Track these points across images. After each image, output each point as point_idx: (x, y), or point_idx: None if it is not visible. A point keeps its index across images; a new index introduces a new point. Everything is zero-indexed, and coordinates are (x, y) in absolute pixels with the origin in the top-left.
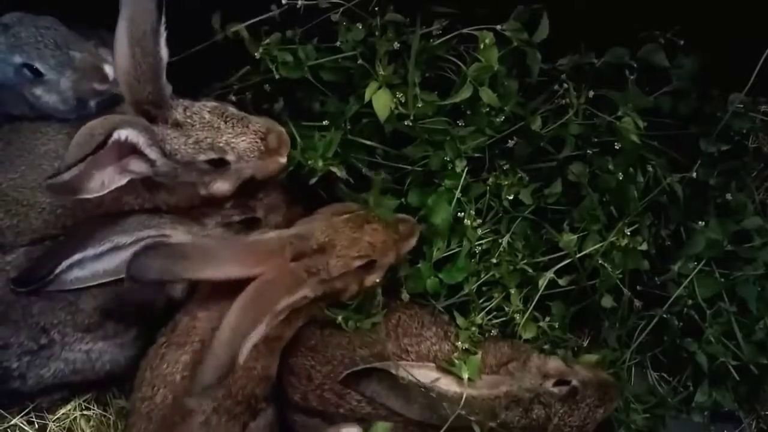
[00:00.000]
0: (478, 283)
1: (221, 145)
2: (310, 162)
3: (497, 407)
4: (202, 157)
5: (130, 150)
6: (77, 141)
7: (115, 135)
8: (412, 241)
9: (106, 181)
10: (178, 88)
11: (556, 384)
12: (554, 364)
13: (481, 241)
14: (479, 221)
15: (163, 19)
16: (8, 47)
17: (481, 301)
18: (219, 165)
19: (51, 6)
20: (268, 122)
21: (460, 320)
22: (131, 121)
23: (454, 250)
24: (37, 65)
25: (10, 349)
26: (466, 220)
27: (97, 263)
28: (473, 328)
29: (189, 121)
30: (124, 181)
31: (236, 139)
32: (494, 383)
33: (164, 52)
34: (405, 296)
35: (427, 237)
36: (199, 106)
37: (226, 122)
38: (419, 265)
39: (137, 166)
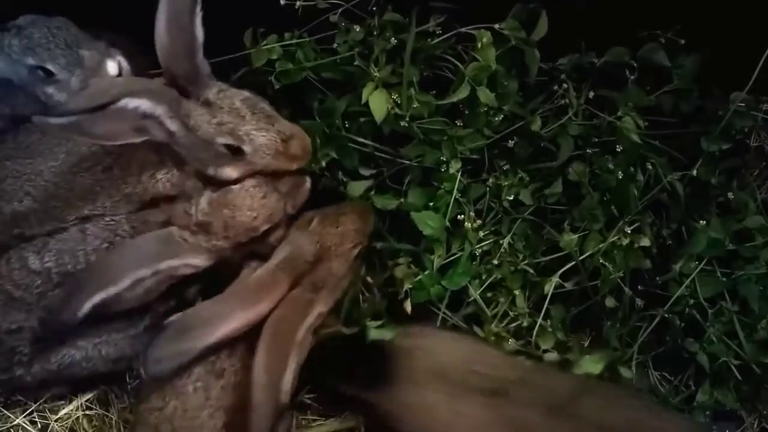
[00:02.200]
0: (483, 287)
1: (240, 134)
2: None
3: None
4: (220, 140)
5: (149, 115)
6: (91, 90)
7: (122, 102)
8: (372, 219)
9: (119, 133)
10: None
11: None
12: None
13: (481, 244)
14: (479, 222)
15: (199, 1)
16: (21, 49)
17: (489, 308)
18: (235, 152)
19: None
20: (296, 128)
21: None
22: (151, 91)
23: (456, 255)
24: (49, 66)
25: (23, 332)
26: (466, 222)
27: (123, 295)
28: (492, 338)
29: (218, 102)
30: (138, 139)
31: (257, 133)
32: None
33: (199, 31)
34: (407, 307)
35: (427, 245)
36: (234, 92)
37: (253, 114)
38: (421, 277)
39: (155, 131)
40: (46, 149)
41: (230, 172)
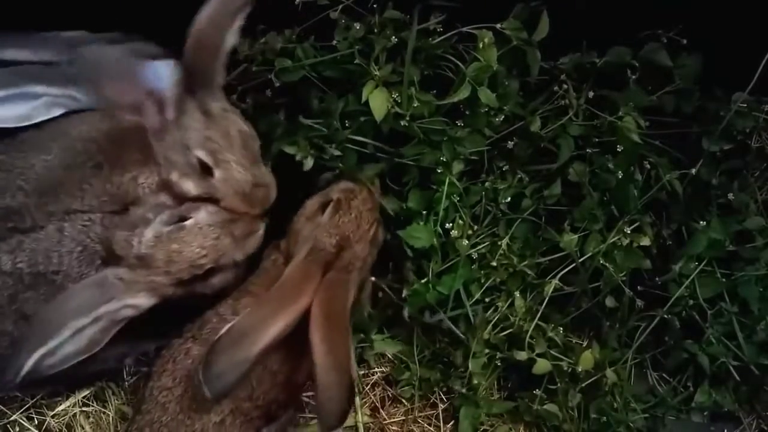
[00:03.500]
0: (483, 290)
1: (221, 158)
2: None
3: None
4: (199, 153)
5: (154, 97)
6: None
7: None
8: (377, 192)
9: (122, 98)
10: None
11: None
12: None
13: (478, 247)
14: (474, 228)
15: (246, 13)
16: None
17: (487, 314)
18: (205, 171)
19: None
20: (271, 180)
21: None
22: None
23: (453, 260)
24: None
25: (2, 336)
26: (453, 231)
27: (64, 348)
28: (485, 351)
29: (217, 119)
30: (132, 117)
31: (235, 166)
32: None
33: (230, 38)
34: (405, 314)
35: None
36: (236, 120)
37: (242, 148)
38: (416, 285)
39: (151, 115)
40: (40, 142)
41: (191, 186)
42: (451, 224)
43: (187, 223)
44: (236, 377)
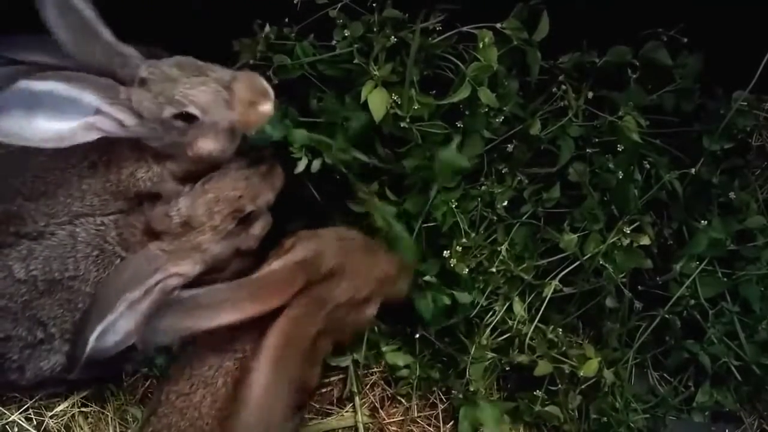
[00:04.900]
0: (485, 294)
1: (178, 97)
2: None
3: None
4: (165, 113)
5: (94, 108)
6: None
7: (23, 85)
8: (407, 281)
9: (67, 134)
10: None
11: None
12: None
13: (477, 258)
14: (472, 235)
15: None
16: None
17: (486, 318)
18: (189, 120)
19: None
20: (238, 72)
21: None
22: (79, 78)
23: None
24: None
25: (11, 341)
26: (452, 259)
27: (123, 324)
28: (488, 355)
29: (152, 77)
30: (92, 137)
31: (193, 90)
32: None
33: (89, 7)
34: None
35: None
36: (164, 61)
37: (182, 73)
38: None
39: (104, 125)
40: None
41: (204, 143)
42: (448, 253)
43: (214, 174)
44: (168, 341)
